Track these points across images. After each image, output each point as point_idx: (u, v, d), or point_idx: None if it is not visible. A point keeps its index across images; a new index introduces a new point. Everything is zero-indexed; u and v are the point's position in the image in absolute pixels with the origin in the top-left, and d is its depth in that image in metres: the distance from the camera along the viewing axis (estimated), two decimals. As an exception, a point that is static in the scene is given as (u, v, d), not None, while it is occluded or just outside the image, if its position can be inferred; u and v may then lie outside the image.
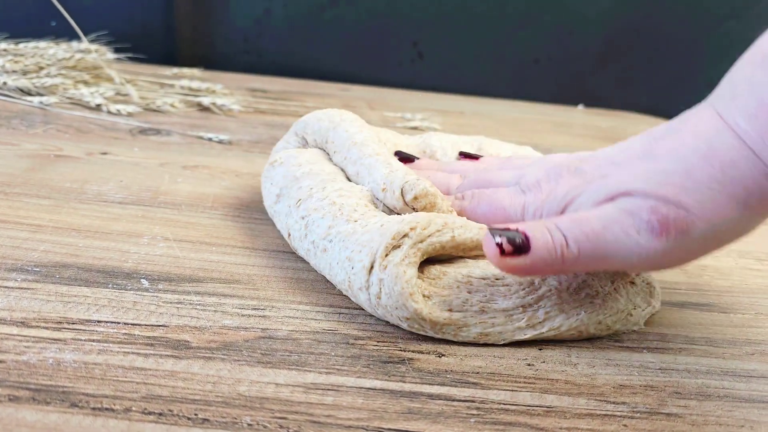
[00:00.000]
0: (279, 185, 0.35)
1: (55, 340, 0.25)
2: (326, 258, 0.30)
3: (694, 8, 0.77)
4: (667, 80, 0.80)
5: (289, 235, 0.33)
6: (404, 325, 0.28)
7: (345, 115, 0.38)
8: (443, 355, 0.27)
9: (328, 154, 0.37)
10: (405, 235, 0.28)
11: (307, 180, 0.33)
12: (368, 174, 0.33)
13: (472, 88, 0.80)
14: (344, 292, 0.30)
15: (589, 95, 0.80)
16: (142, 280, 0.30)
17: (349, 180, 0.35)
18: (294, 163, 0.35)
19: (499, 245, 0.25)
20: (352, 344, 0.27)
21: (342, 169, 0.35)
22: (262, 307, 0.29)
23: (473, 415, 0.24)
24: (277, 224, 0.34)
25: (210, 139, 0.51)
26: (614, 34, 0.78)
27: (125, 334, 0.26)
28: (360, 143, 0.35)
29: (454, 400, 0.25)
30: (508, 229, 0.26)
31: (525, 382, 0.26)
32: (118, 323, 0.26)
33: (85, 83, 0.58)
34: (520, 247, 0.25)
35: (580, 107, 0.79)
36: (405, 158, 0.37)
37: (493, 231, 0.26)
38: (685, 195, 0.25)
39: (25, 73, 0.56)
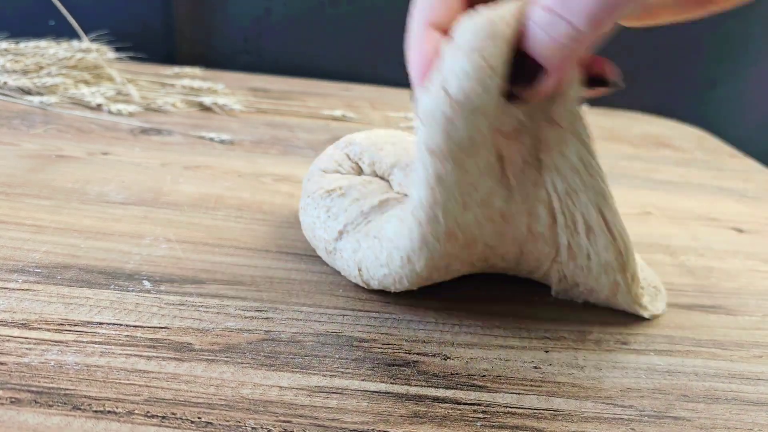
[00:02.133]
0: (343, 219, 0.31)
1: (56, 342, 0.25)
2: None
3: (695, 8, 0.77)
4: (667, 80, 0.80)
5: (360, 270, 0.30)
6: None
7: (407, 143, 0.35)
8: (449, 357, 0.27)
9: (390, 184, 0.34)
10: None
11: (377, 213, 0.31)
12: None
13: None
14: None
15: (591, 95, 0.80)
16: (144, 281, 0.29)
17: None
18: (359, 197, 0.32)
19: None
20: (357, 347, 0.27)
21: None
22: (265, 309, 0.29)
23: (479, 418, 0.24)
24: (339, 263, 0.31)
25: (212, 139, 0.51)
26: (614, 34, 0.78)
27: (127, 336, 0.26)
28: None
29: (460, 404, 0.24)
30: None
31: (531, 385, 0.26)
32: (120, 325, 0.26)
33: (86, 83, 0.58)
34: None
35: (584, 107, 0.79)
36: None
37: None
38: None
39: (25, 72, 0.56)
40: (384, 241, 0.29)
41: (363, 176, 0.34)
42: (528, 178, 0.28)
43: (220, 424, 0.22)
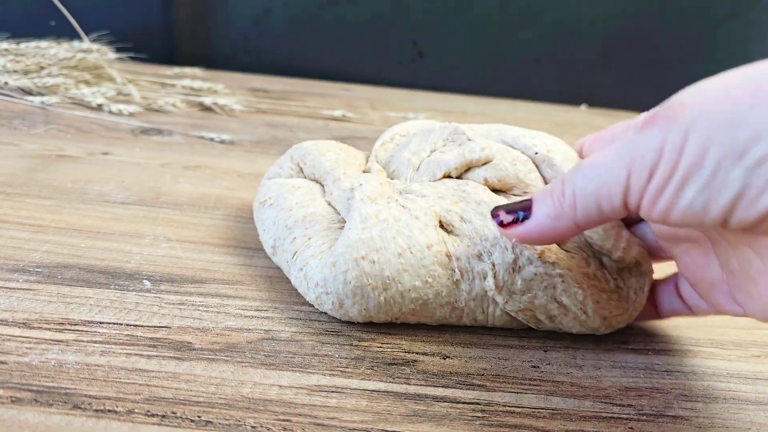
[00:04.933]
0: (272, 235, 0.31)
1: (57, 341, 0.25)
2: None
3: (694, 8, 0.77)
4: (667, 80, 0.80)
5: (297, 288, 0.30)
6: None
7: (342, 153, 0.34)
8: (447, 356, 0.27)
9: (323, 188, 0.33)
10: None
11: (301, 228, 0.30)
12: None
13: (472, 87, 0.79)
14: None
15: (590, 95, 0.80)
16: (144, 281, 0.30)
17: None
18: (285, 206, 0.31)
19: (500, 221, 0.25)
20: (356, 346, 0.27)
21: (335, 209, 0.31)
22: (265, 308, 0.29)
23: (478, 417, 0.24)
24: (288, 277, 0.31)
25: (212, 139, 0.51)
26: (615, 34, 0.78)
27: (128, 335, 0.26)
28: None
29: (459, 403, 0.24)
30: (517, 208, 0.25)
31: (530, 384, 0.26)
32: (121, 324, 0.26)
33: (87, 83, 0.58)
34: (518, 217, 0.25)
35: (583, 107, 0.79)
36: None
37: (498, 207, 0.26)
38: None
39: (26, 72, 0.56)
40: (310, 282, 0.28)
41: (292, 181, 0.33)
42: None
43: (219, 423, 0.22)
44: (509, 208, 0.25)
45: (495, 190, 0.30)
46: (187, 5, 0.74)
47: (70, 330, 0.26)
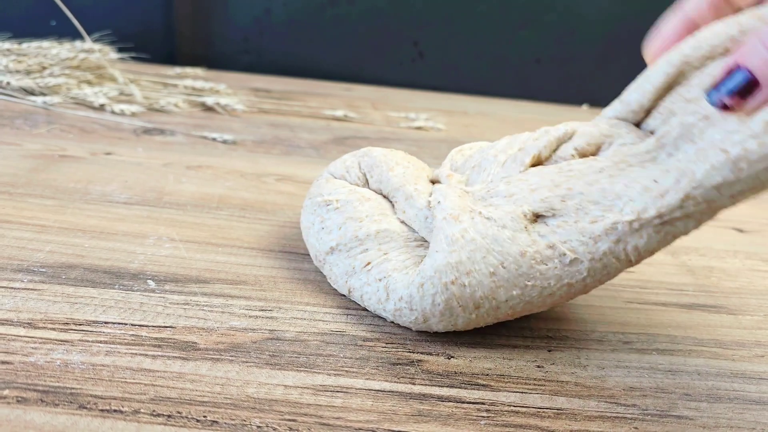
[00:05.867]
0: (336, 237, 0.30)
1: (62, 341, 0.25)
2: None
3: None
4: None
5: (351, 292, 0.30)
6: None
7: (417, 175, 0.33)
8: (452, 356, 0.27)
9: (392, 204, 0.32)
10: None
11: (374, 243, 0.30)
12: None
13: (472, 87, 0.79)
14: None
15: (591, 95, 0.80)
16: (148, 281, 0.30)
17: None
18: (354, 216, 0.31)
19: (721, 104, 0.22)
20: (361, 346, 0.27)
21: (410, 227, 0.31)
22: (270, 308, 0.29)
23: (483, 417, 0.24)
24: (327, 273, 0.31)
25: (214, 139, 0.51)
26: (615, 34, 0.78)
27: (132, 335, 0.26)
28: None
29: (464, 402, 0.24)
30: (725, 78, 0.22)
31: (535, 384, 0.26)
32: (125, 324, 0.26)
33: (89, 83, 0.58)
34: (745, 88, 0.22)
35: (585, 107, 0.79)
36: None
37: (709, 92, 0.23)
38: None
39: (28, 72, 0.56)
40: (392, 294, 0.28)
41: (362, 190, 0.33)
42: None
43: (225, 423, 0.22)
44: (718, 86, 0.22)
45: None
46: (188, 5, 0.74)
47: (75, 330, 0.26)
